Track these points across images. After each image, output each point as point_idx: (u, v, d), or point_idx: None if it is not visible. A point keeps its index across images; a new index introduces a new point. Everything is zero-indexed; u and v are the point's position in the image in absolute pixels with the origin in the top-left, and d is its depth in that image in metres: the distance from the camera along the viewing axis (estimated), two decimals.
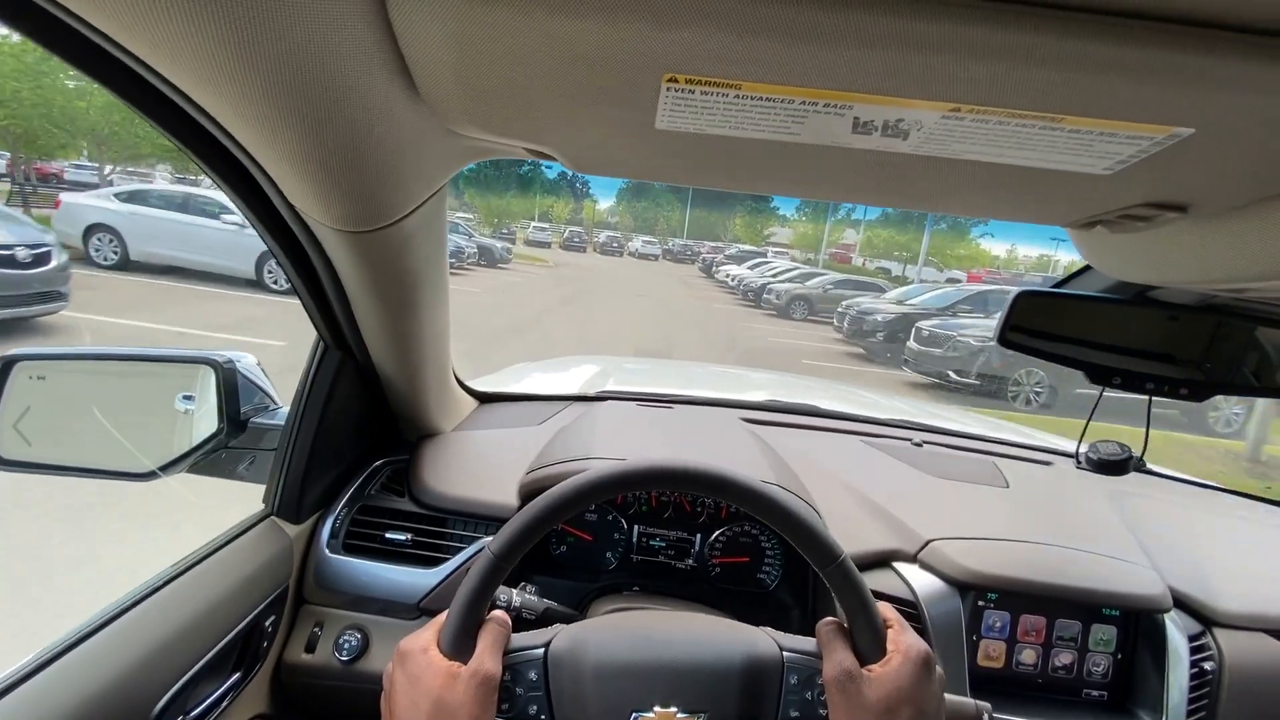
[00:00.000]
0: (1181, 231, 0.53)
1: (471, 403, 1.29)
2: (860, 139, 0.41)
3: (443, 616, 0.56)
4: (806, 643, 0.59)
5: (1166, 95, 0.34)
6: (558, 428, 1.18)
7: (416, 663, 0.53)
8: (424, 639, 0.55)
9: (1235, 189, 0.45)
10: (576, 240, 32.63)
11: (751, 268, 20.55)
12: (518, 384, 1.49)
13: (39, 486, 2.66)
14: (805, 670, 0.56)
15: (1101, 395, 0.79)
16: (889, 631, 0.56)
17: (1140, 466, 0.85)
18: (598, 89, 0.40)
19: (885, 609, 0.58)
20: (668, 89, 0.38)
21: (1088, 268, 0.79)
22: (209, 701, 0.70)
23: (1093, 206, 0.52)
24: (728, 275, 20.68)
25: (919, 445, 1.31)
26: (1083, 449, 0.87)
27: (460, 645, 0.54)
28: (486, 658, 0.53)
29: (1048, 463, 1.32)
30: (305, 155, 0.49)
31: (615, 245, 32.81)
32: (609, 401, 1.36)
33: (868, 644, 0.55)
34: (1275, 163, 0.40)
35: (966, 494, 1.10)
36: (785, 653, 0.58)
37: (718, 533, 1.01)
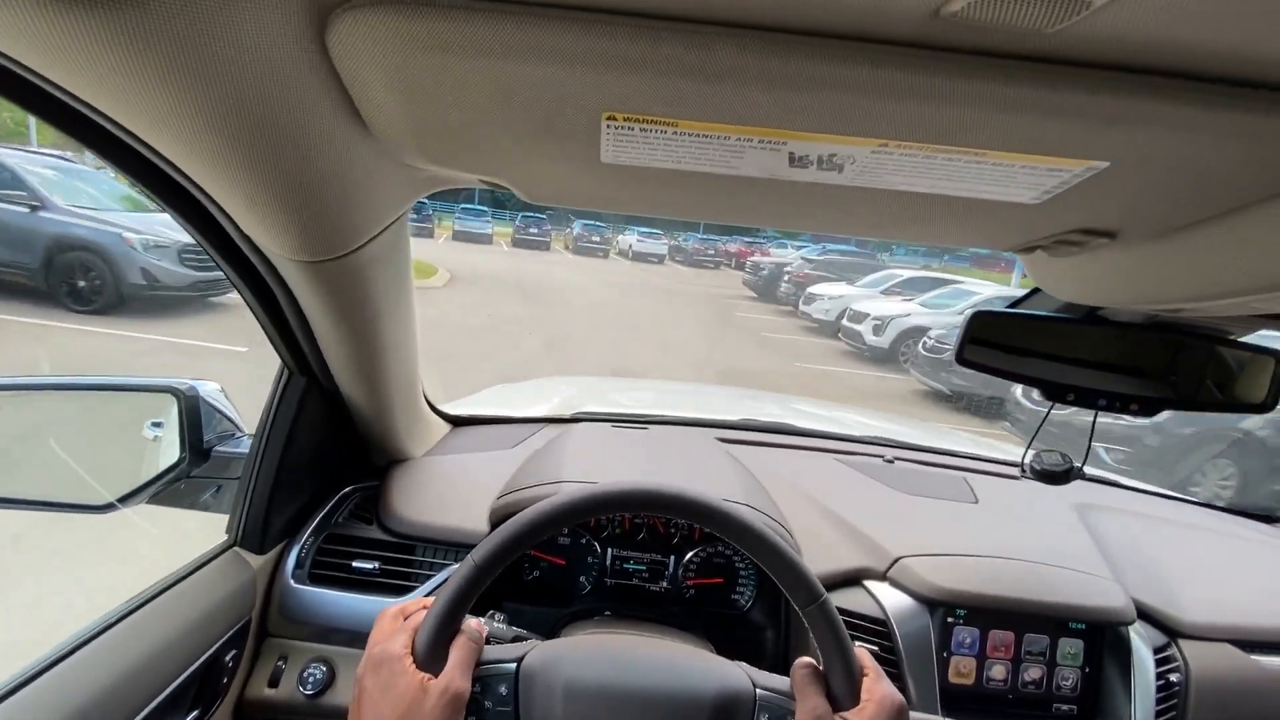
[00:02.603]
0: (1115, 256, 0.55)
1: (444, 427, 1.28)
2: (798, 172, 0.43)
3: (418, 619, 0.56)
4: (781, 681, 0.59)
5: (1079, 132, 0.36)
6: (530, 451, 1.17)
7: (390, 670, 0.53)
8: (399, 644, 0.54)
9: (1158, 216, 0.47)
10: (536, 233, 21.47)
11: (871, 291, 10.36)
12: (493, 406, 1.48)
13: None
14: (777, 710, 0.56)
15: (1051, 410, 0.81)
16: (865, 679, 0.56)
17: (1080, 475, 0.88)
18: (542, 126, 0.41)
19: (862, 655, 0.59)
20: (608, 126, 0.40)
21: (1035, 291, 0.81)
22: None
23: (1027, 233, 0.54)
24: (826, 311, 10.18)
25: (890, 462, 1.33)
26: (1028, 459, 0.90)
27: (433, 654, 0.54)
28: (457, 674, 0.53)
29: (1015, 477, 1.34)
30: (255, 189, 0.49)
31: (598, 240, 22.40)
32: (583, 423, 1.36)
33: (843, 690, 0.55)
34: (1192, 193, 0.42)
35: (935, 510, 1.12)
36: (759, 690, 0.58)
37: (691, 554, 1.00)
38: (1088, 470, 1.25)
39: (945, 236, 0.59)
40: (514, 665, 0.57)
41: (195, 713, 0.74)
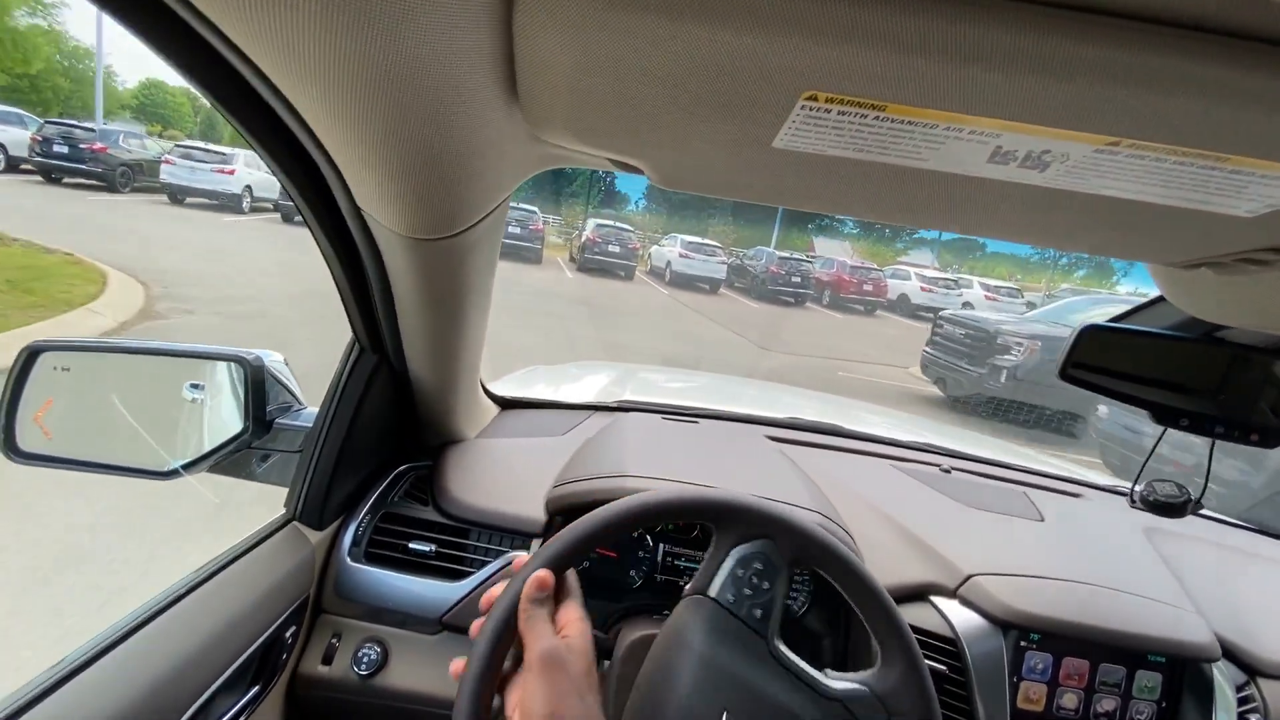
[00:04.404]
0: None
1: (494, 409, 1.26)
2: (993, 168, 0.38)
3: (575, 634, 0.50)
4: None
5: None
6: (582, 439, 1.15)
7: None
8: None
9: None
10: (520, 234, 14.18)
11: None
12: (533, 388, 1.46)
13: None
14: None
15: (1164, 434, 0.76)
16: None
17: (1198, 508, 0.81)
18: (720, 103, 0.37)
19: None
20: (803, 107, 0.36)
21: (1152, 303, 0.76)
22: (228, 716, 0.67)
23: (1213, 248, 0.49)
24: None
25: (947, 471, 1.29)
26: (1138, 488, 0.84)
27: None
28: (543, 642, 0.47)
29: (1076, 494, 1.29)
30: (387, 157, 0.47)
31: (616, 252, 14.93)
32: (632, 413, 1.33)
33: None
34: None
35: (1002, 526, 1.07)
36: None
37: None
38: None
39: (1106, 248, 0.54)
40: None
41: (256, 688, 0.73)
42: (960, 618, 0.86)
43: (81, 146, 12.11)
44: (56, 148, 11.93)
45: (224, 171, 12.40)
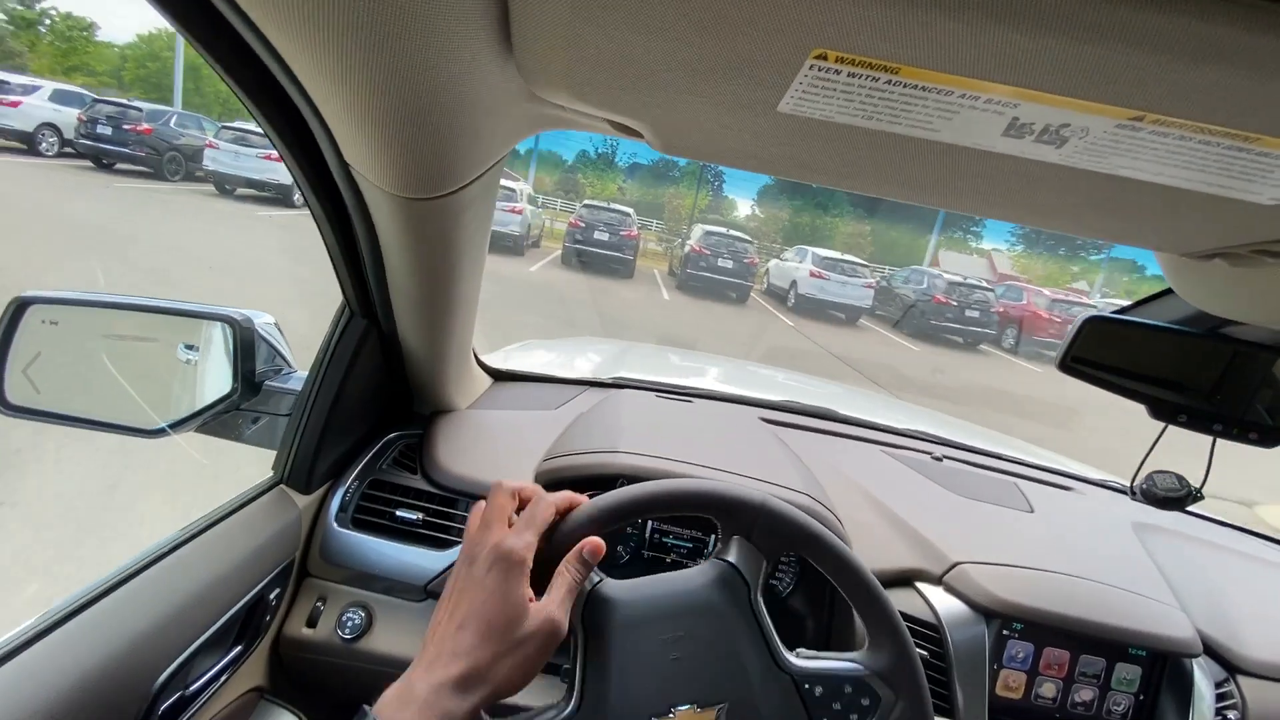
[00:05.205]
0: None
1: (486, 380, 1.25)
2: (1007, 142, 0.37)
3: (544, 516, 0.51)
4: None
5: None
6: (575, 414, 1.15)
7: (507, 572, 0.47)
8: (523, 544, 0.48)
9: None
10: (616, 245, 11.81)
11: None
12: (528, 361, 1.45)
13: None
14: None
15: (1165, 430, 0.75)
16: None
17: (1199, 498, 0.80)
18: (724, 61, 0.35)
19: None
20: (810, 67, 0.34)
21: (1159, 296, 0.75)
22: (209, 675, 0.68)
23: (1230, 237, 0.47)
24: None
25: (939, 460, 1.28)
26: (1138, 481, 0.83)
27: (546, 570, 0.50)
28: (561, 607, 0.48)
29: (1067, 488, 1.29)
30: (375, 111, 0.45)
31: (727, 268, 11.81)
32: (626, 390, 1.32)
33: None
34: None
35: (991, 516, 1.07)
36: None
37: None
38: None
39: (1117, 233, 0.52)
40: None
41: (239, 647, 0.74)
42: (944, 605, 0.86)
43: (125, 128, 10.77)
44: (100, 129, 10.69)
45: (272, 158, 9.96)
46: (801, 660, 0.55)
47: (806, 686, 0.54)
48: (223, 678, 0.70)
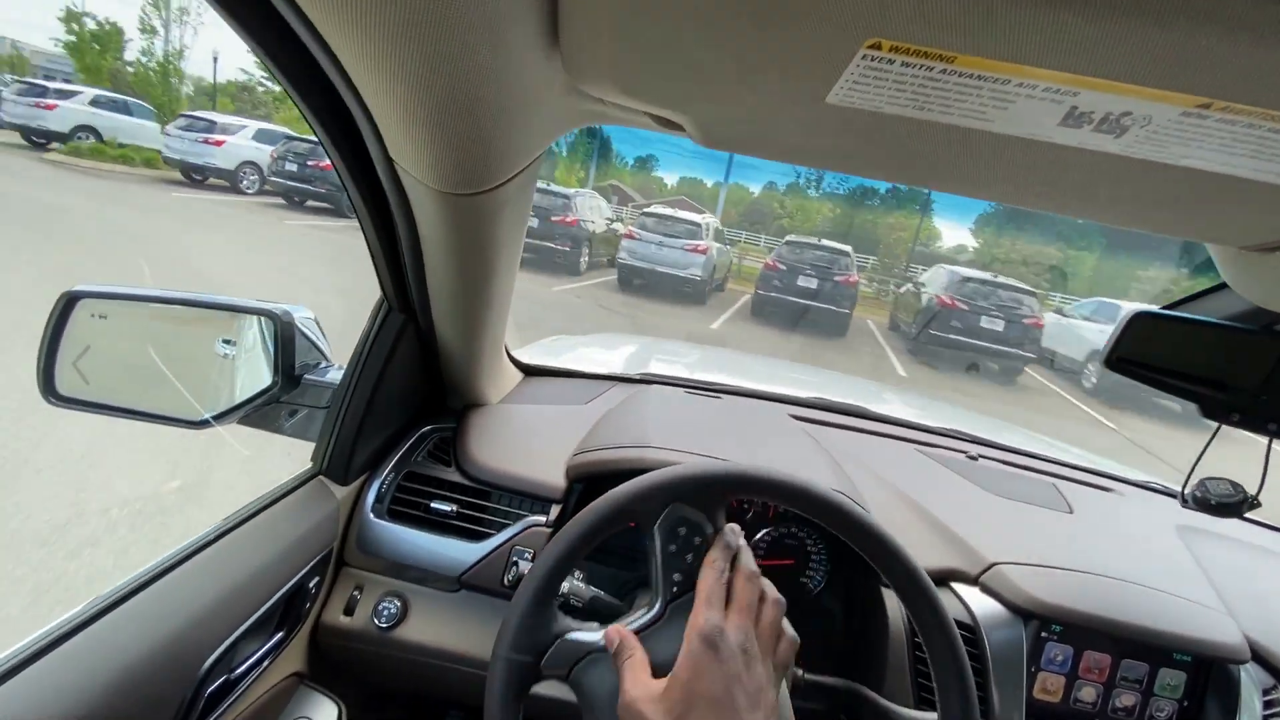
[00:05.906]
0: None
1: (517, 375, 1.26)
2: (1064, 132, 0.36)
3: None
4: None
5: None
6: (604, 409, 1.15)
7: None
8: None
9: None
10: (832, 295, 9.25)
11: None
12: (558, 358, 1.46)
13: None
14: None
15: (1217, 432, 0.73)
16: None
17: (1256, 505, 0.77)
18: (774, 53, 0.35)
19: None
20: (864, 57, 0.33)
21: (1211, 291, 0.72)
22: (252, 660, 0.70)
23: None
24: None
25: (974, 459, 1.26)
26: (1188, 489, 0.81)
27: None
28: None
29: (1108, 489, 1.26)
30: (422, 105, 0.45)
31: (995, 332, 7.95)
32: (655, 385, 1.32)
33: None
34: None
35: (1028, 516, 1.05)
36: None
37: (763, 533, 0.97)
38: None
39: (1170, 225, 0.51)
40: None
41: (280, 634, 0.76)
42: (981, 605, 0.85)
43: (309, 165, 9.84)
44: (288, 165, 10.06)
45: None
46: None
47: None
48: (265, 663, 0.72)
